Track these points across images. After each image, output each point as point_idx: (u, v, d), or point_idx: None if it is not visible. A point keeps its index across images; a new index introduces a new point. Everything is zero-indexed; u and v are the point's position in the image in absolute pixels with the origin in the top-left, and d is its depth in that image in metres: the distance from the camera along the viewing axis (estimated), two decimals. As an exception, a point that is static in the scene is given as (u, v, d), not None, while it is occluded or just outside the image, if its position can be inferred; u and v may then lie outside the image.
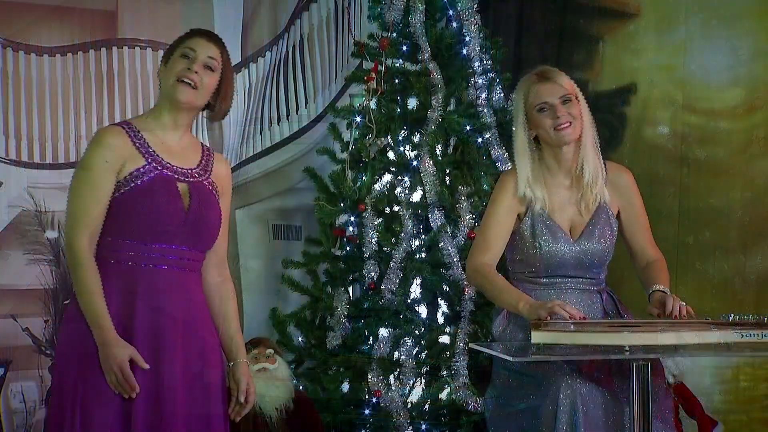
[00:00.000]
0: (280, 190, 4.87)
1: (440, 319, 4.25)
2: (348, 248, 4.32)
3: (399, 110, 4.37)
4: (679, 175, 4.93)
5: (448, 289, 4.16)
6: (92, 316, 2.50)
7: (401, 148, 4.36)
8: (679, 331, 2.60)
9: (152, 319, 2.55)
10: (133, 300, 2.54)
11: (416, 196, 4.31)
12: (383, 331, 4.14)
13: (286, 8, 4.96)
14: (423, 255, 4.22)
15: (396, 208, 4.33)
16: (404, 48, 4.42)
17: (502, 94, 4.41)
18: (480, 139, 4.30)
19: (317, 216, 4.35)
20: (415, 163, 4.29)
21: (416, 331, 4.12)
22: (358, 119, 4.36)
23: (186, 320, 2.59)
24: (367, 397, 4.12)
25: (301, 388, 4.18)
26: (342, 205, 4.32)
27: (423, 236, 4.25)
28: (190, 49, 2.62)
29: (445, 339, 4.19)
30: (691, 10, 4.96)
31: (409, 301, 4.18)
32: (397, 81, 4.41)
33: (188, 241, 2.61)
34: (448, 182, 4.29)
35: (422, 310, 4.24)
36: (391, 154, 4.39)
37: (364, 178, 4.31)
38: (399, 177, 4.36)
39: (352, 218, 4.31)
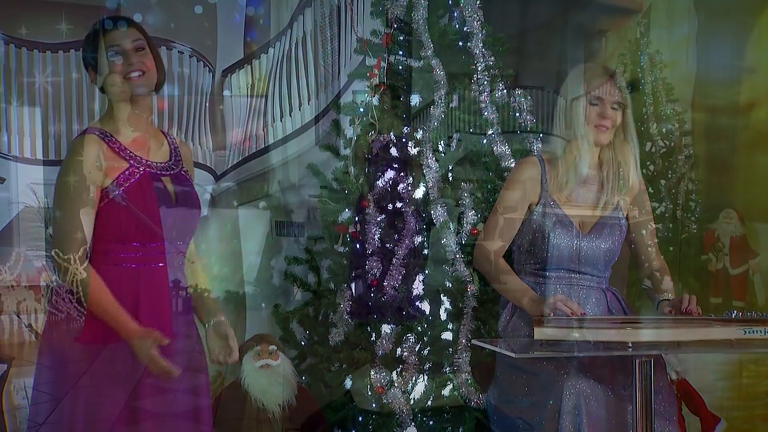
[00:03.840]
0: (282, 186, 4.86)
1: (443, 316, 4.24)
2: (351, 244, 4.32)
3: (402, 106, 4.37)
4: (684, 171, 4.92)
5: (450, 285, 4.15)
6: (109, 317, 2.47)
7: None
8: (682, 327, 2.59)
9: (155, 318, 2.55)
10: (137, 301, 2.54)
11: (419, 193, 4.30)
12: (386, 328, 4.13)
13: (289, 5, 4.95)
14: (426, 251, 4.21)
15: (399, 205, 4.32)
16: (407, 44, 4.41)
17: (505, 91, 4.40)
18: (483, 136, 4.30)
19: (320, 212, 4.34)
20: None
21: (419, 328, 4.12)
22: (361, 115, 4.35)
23: (178, 313, 2.62)
24: (369, 393, 4.12)
25: (303, 384, 4.18)
26: (345, 201, 4.32)
27: (426, 233, 4.25)
28: (114, 46, 2.58)
29: (447, 335, 4.19)
30: (695, 6, 4.95)
31: (411, 297, 4.17)
32: (399, 77, 4.40)
33: (179, 234, 2.61)
34: (450, 179, 4.28)
35: (425, 307, 4.24)
36: (393, 151, 4.38)
37: (366, 174, 4.30)
38: (402, 173, 4.35)
39: (355, 215, 4.31)
